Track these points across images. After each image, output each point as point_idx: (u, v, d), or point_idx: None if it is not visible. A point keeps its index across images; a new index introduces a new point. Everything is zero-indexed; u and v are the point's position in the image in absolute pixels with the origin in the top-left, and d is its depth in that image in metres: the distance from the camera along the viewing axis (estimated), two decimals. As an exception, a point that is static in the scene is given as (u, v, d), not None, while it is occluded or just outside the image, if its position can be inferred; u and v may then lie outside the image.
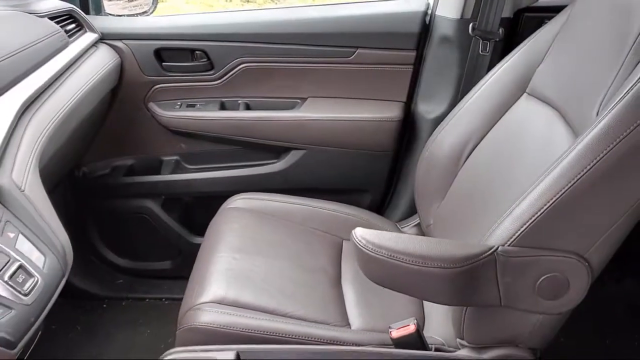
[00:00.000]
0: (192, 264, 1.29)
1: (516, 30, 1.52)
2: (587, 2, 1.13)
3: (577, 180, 0.87)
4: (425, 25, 1.56)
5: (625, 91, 0.87)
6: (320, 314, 1.13)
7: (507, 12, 1.46)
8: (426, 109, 1.59)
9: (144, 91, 1.62)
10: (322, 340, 1.03)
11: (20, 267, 0.75)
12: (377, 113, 1.60)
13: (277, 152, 1.68)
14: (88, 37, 1.46)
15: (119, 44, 1.56)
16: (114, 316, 1.69)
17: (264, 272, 1.21)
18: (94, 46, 1.47)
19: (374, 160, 1.65)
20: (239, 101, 1.65)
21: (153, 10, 1.79)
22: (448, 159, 1.35)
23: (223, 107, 1.65)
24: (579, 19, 1.15)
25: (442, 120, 1.39)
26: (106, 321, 1.67)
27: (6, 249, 0.75)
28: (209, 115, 1.62)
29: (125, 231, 1.76)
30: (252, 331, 1.03)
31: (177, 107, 1.64)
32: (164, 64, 1.60)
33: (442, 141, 1.37)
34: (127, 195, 1.71)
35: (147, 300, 1.76)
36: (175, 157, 1.73)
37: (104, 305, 1.73)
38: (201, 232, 1.58)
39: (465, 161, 1.32)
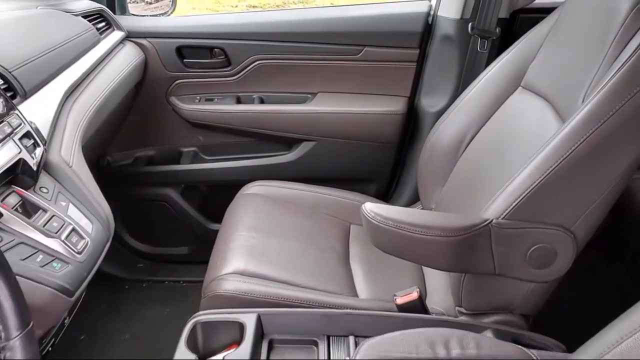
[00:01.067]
0: (209, 249, 1.36)
1: (512, 29, 1.61)
2: (575, 4, 1.23)
3: (563, 160, 0.97)
4: (428, 25, 1.65)
5: (606, 81, 0.97)
6: (331, 286, 1.22)
7: (503, 13, 1.55)
8: (429, 103, 1.68)
9: (166, 86, 1.72)
10: (332, 306, 1.13)
11: (73, 230, 0.85)
12: (383, 107, 1.69)
13: (289, 143, 1.77)
14: (116, 35, 1.56)
15: (143, 41, 1.66)
16: (136, 296, 1.78)
17: (279, 250, 1.30)
18: (121, 43, 1.58)
19: (380, 152, 1.74)
20: (254, 96, 1.75)
21: (172, 11, 1.89)
22: (448, 148, 1.43)
23: (239, 101, 1.75)
24: (568, 19, 1.24)
25: (443, 113, 1.48)
26: (129, 301, 1.76)
27: (60, 214, 0.85)
28: (226, 108, 1.72)
29: (146, 218, 1.85)
30: (270, 298, 1.12)
31: (197, 101, 1.73)
32: (185, 60, 1.70)
33: (443, 132, 1.46)
34: (149, 184, 1.80)
35: (166, 282, 1.85)
36: (193, 149, 1.83)
37: (126, 287, 1.82)
38: (217, 219, 1.68)
39: (464, 150, 1.41)
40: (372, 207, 1.02)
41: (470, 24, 1.54)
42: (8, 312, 0.54)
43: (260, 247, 1.29)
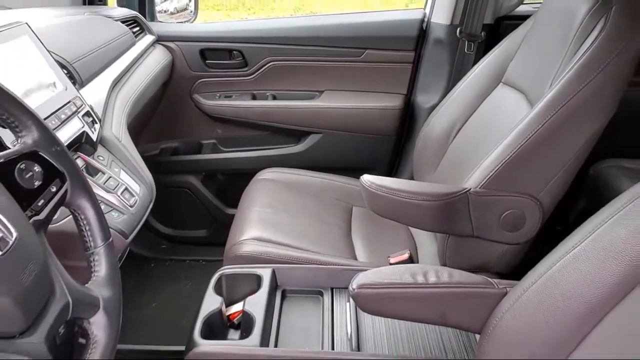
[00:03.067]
0: (226, 231, 1.51)
1: (497, 33, 1.78)
2: (546, 10, 1.41)
3: (529, 137, 1.15)
4: (423, 30, 1.83)
5: (565, 72, 1.15)
6: (334, 253, 1.39)
7: (489, 19, 1.73)
8: (423, 99, 1.86)
9: (190, 84, 1.91)
10: (336, 265, 1.30)
11: (126, 189, 1.03)
12: (383, 103, 1.87)
13: (298, 136, 1.95)
14: (148, 38, 1.75)
15: (171, 44, 1.85)
16: (160, 273, 1.96)
17: (290, 222, 1.47)
18: (152, 46, 1.77)
19: (379, 143, 1.92)
20: (268, 93, 1.93)
21: (194, 19, 2.10)
22: (439, 138, 1.60)
23: (254, 97, 1.93)
24: (540, 23, 1.42)
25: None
26: (154, 277, 1.94)
27: (115, 176, 1.04)
28: (242, 104, 1.90)
29: (169, 203, 2.02)
30: (282, 258, 1.29)
31: (217, 97, 1.92)
32: (207, 61, 1.89)
33: (435, 124, 1.63)
34: (172, 172, 1.99)
35: (187, 261, 2.02)
36: (213, 141, 2.01)
37: (152, 265, 2.00)
38: (233, 204, 1.84)
39: (453, 139, 1.58)
40: (368, 177, 1.20)
41: (458, 29, 1.72)
42: (95, 227, 0.72)
43: (273, 220, 1.47)
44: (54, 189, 0.68)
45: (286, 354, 0.98)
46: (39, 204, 0.66)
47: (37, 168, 0.66)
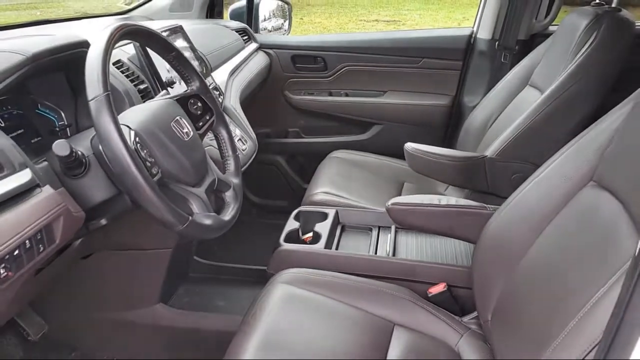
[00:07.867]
0: None
1: (531, 47, 2.08)
2: (561, 28, 1.73)
3: (535, 118, 1.48)
4: (470, 43, 2.17)
5: (567, 69, 1.48)
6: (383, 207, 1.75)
7: (523, 36, 2.05)
8: (468, 99, 2.19)
9: (282, 83, 2.34)
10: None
11: (240, 139, 1.46)
12: (434, 101, 2.23)
13: (364, 126, 2.34)
14: (253, 45, 2.21)
15: (270, 51, 2.30)
16: (251, 230, 2.38)
17: (351, 185, 1.84)
18: (255, 51, 2.22)
19: (430, 134, 2.26)
20: (342, 91, 2.33)
21: (289, 32, 2.55)
22: (478, 129, 1.93)
23: (331, 94, 2.34)
24: (556, 38, 1.74)
25: (476, 106, 1.99)
26: (243, 232, 2.34)
27: (232, 132, 1.47)
28: (321, 99, 2.32)
29: (260, 177, 2.45)
30: (344, 205, 1.68)
31: (302, 93, 2.35)
32: (296, 65, 2.31)
33: (475, 118, 1.96)
34: (264, 152, 2.41)
35: (271, 225, 2.43)
36: (296, 129, 2.43)
37: (243, 223, 2.43)
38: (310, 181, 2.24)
39: (488, 129, 1.91)
40: (410, 144, 1.58)
41: (496, 42, 2.05)
42: (228, 144, 1.14)
43: (339, 182, 1.85)
44: (207, 118, 1.11)
45: (341, 254, 1.36)
46: (200, 124, 1.09)
47: (199, 104, 1.10)
